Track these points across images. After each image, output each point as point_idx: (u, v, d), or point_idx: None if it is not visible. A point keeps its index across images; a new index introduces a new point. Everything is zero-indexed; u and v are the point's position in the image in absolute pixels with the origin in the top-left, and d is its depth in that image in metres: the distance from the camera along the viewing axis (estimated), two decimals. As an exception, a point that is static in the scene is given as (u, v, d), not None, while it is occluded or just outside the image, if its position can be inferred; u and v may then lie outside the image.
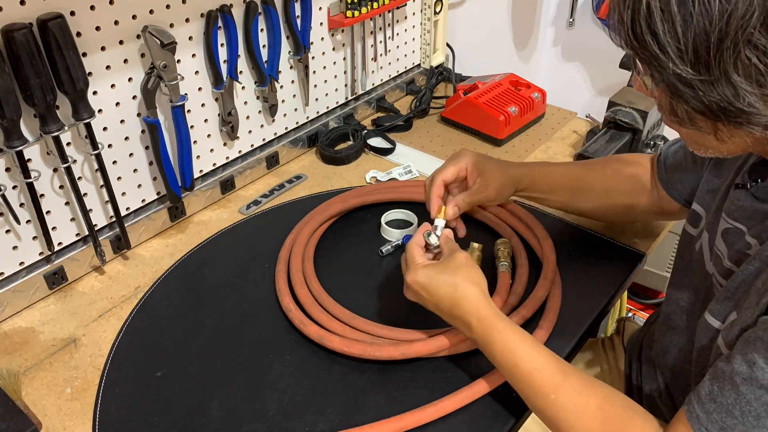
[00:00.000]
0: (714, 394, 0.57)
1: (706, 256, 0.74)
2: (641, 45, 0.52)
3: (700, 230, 0.76)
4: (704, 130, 0.56)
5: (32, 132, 0.84)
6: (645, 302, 1.76)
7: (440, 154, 1.26)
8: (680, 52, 0.50)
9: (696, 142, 0.61)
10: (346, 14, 1.20)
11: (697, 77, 0.50)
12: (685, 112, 0.55)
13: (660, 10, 0.49)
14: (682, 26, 0.49)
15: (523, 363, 0.67)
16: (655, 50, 0.51)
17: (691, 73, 0.50)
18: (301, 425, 0.74)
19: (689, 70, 0.50)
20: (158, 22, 0.93)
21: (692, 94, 0.52)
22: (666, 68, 0.51)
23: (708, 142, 0.59)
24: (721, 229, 0.69)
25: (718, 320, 0.65)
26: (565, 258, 0.94)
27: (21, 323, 0.90)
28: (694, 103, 0.53)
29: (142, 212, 1.03)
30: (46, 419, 0.76)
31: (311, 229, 1.00)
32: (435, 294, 0.72)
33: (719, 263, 0.69)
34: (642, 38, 0.51)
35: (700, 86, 0.51)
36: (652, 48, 0.51)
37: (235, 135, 1.12)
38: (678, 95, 0.53)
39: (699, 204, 0.77)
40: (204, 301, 0.92)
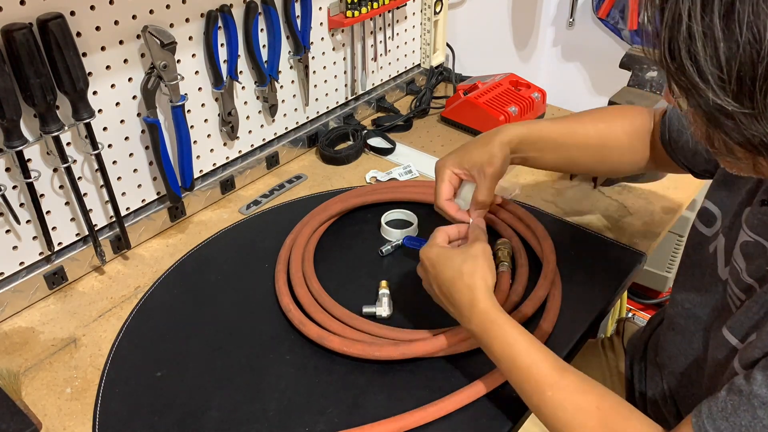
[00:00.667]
0: (728, 411, 0.55)
1: (721, 261, 0.72)
2: (679, 70, 0.48)
3: (715, 232, 0.74)
4: (742, 162, 0.53)
5: (32, 132, 0.84)
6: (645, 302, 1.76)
7: (440, 154, 1.26)
8: (722, 81, 0.46)
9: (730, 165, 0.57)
10: (346, 14, 1.20)
11: (740, 110, 0.46)
12: (722, 142, 0.52)
13: (702, 35, 0.45)
14: (726, 53, 0.45)
15: (521, 357, 0.67)
16: (694, 78, 0.47)
17: (733, 105, 0.46)
18: (301, 425, 0.74)
19: (731, 101, 0.46)
20: (158, 22, 0.93)
21: (732, 126, 0.48)
22: (705, 97, 0.47)
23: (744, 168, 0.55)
24: (741, 240, 0.67)
25: (736, 338, 0.64)
26: (565, 258, 0.94)
27: (21, 323, 0.90)
28: (733, 134, 0.49)
29: (142, 212, 1.03)
30: (46, 419, 0.76)
31: (311, 229, 1.00)
32: (440, 274, 0.72)
33: (737, 275, 0.67)
34: (680, 63, 0.47)
35: (742, 119, 0.47)
36: (690, 75, 0.47)
37: (235, 135, 1.12)
38: (716, 125, 0.49)
39: (712, 202, 0.74)
40: (204, 301, 0.92)
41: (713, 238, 0.74)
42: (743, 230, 0.67)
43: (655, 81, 1.15)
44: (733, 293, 0.68)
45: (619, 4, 1.79)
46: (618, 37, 1.87)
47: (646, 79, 1.16)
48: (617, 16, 1.82)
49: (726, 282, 0.70)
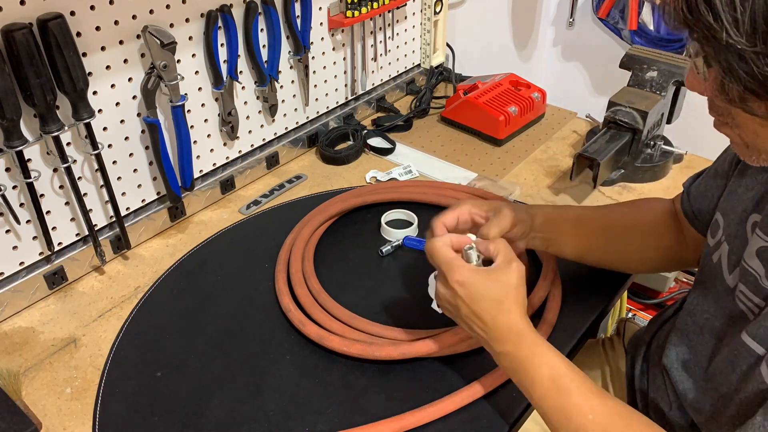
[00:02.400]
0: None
1: (725, 268, 0.71)
2: (695, 17, 0.50)
3: (717, 240, 0.74)
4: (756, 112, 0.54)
5: (32, 132, 0.84)
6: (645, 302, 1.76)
7: (440, 154, 1.26)
8: (736, 21, 0.48)
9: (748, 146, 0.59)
10: (346, 14, 1.20)
11: (752, 49, 0.48)
12: (736, 91, 0.53)
13: None
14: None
15: (563, 380, 0.64)
16: (709, 20, 0.49)
17: (746, 45, 0.48)
18: (301, 425, 0.74)
19: (744, 41, 0.48)
20: (158, 22, 0.93)
21: (746, 69, 0.50)
22: (720, 39, 0.49)
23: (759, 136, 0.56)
24: (756, 247, 0.66)
25: (762, 346, 0.63)
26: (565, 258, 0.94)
27: (21, 323, 0.90)
28: (746, 79, 0.50)
29: (142, 212, 1.03)
30: (46, 419, 0.76)
31: (311, 229, 1.00)
32: (478, 302, 0.67)
33: (753, 282, 0.66)
34: (696, 8, 0.49)
35: (754, 59, 0.49)
36: (706, 18, 0.49)
37: (235, 135, 1.12)
38: (730, 71, 0.51)
39: (719, 212, 0.75)
40: (204, 301, 0.92)
41: (716, 247, 0.74)
42: (758, 236, 0.66)
43: (655, 81, 1.15)
44: (747, 299, 0.67)
45: (619, 4, 1.79)
46: (618, 37, 1.87)
47: (646, 79, 1.16)
48: (617, 16, 1.82)
49: (735, 291, 0.70)
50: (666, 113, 1.19)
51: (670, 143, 1.21)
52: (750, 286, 0.67)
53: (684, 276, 1.80)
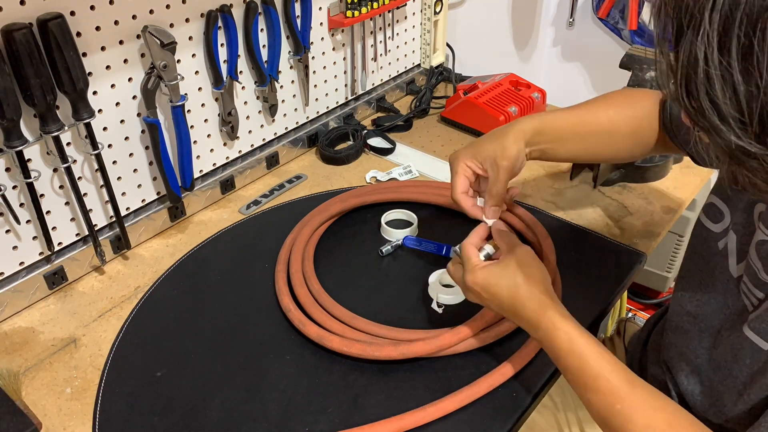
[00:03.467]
0: None
1: (732, 258, 0.71)
2: (698, 111, 0.47)
3: (724, 228, 0.72)
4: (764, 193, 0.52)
5: (32, 132, 0.84)
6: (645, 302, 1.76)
7: (440, 154, 1.26)
8: (743, 124, 0.45)
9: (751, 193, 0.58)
10: (346, 14, 1.20)
11: (763, 151, 0.45)
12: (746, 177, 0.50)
13: (721, 78, 0.44)
14: (746, 97, 0.44)
15: (590, 368, 0.64)
16: (714, 120, 0.46)
17: (757, 147, 0.45)
18: (301, 425, 0.74)
19: (754, 143, 0.45)
20: (158, 22, 0.93)
21: (756, 166, 0.47)
22: (726, 139, 0.46)
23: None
24: (756, 240, 0.66)
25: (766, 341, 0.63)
26: (565, 258, 0.94)
27: (21, 323, 0.90)
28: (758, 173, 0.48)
29: (142, 212, 1.03)
30: (46, 419, 0.76)
31: (311, 229, 1.00)
32: (497, 295, 0.71)
33: (753, 275, 0.66)
34: (699, 105, 0.46)
35: (766, 159, 0.46)
36: (710, 117, 0.46)
37: (235, 135, 1.12)
38: (739, 163, 0.48)
39: (719, 198, 0.73)
40: (204, 301, 0.92)
41: (722, 234, 0.73)
42: (759, 229, 0.66)
43: (655, 81, 1.15)
44: (752, 295, 0.67)
45: (619, 4, 1.79)
46: (618, 37, 1.87)
47: (646, 79, 1.16)
48: (617, 16, 1.82)
49: (740, 279, 0.69)
50: (666, 113, 1.19)
51: (670, 143, 1.21)
52: (752, 279, 0.67)
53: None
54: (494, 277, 0.71)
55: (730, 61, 0.43)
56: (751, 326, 0.65)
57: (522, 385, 0.77)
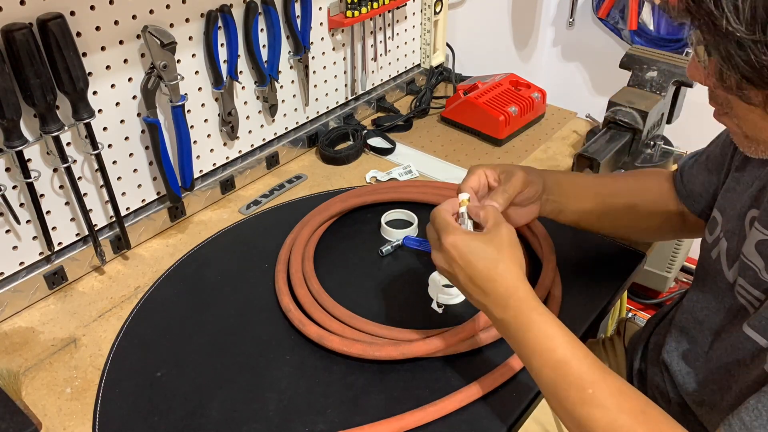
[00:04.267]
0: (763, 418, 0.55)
1: (724, 264, 0.72)
2: (697, 3, 0.51)
3: (716, 237, 0.74)
4: (753, 101, 0.55)
5: (32, 132, 0.84)
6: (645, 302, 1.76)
7: (440, 154, 1.26)
8: (737, 9, 0.49)
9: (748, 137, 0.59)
10: (346, 14, 1.20)
11: (751, 37, 0.49)
12: (733, 79, 0.54)
13: None
14: None
15: (561, 350, 0.62)
16: (710, 7, 0.50)
17: (745, 33, 0.49)
18: (301, 425, 0.74)
19: (743, 29, 0.49)
20: (158, 22, 0.93)
21: (744, 57, 0.51)
22: (720, 27, 0.50)
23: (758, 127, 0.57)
24: (755, 240, 0.67)
25: (764, 337, 0.64)
26: (565, 258, 0.94)
27: (21, 323, 0.90)
28: (744, 67, 0.51)
29: (142, 212, 1.03)
30: (46, 419, 0.76)
31: (311, 229, 1.00)
32: (472, 265, 0.65)
33: (752, 276, 0.67)
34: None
35: (752, 47, 0.50)
36: (707, 4, 0.50)
37: (235, 135, 1.12)
38: (729, 59, 0.52)
39: (717, 209, 0.75)
40: (204, 301, 0.92)
41: (714, 243, 0.75)
42: (756, 230, 0.67)
43: (655, 81, 1.15)
44: (749, 294, 0.68)
45: (619, 4, 1.79)
46: (618, 37, 1.87)
47: (646, 79, 1.16)
48: (617, 16, 1.82)
49: (734, 285, 0.70)
50: (666, 113, 1.19)
51: (670, 143, 1.21)
52: (750, 279, 0.67)
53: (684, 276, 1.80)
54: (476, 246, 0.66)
55: None
56: (751, 324, 0.65)
57: (522, 385, 0.77)
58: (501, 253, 0.66)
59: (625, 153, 1.14)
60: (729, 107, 0.59)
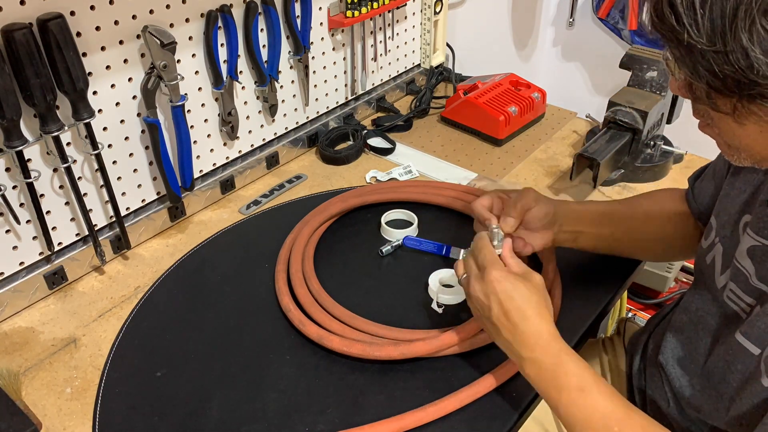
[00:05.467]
0: None
1: (717, 269, 0.72)
2: (661, 21, 0.53)
3: (711, 242, 0.75)
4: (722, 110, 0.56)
5: (32, 132, 0.84)
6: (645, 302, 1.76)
7: (440, 154, 1.26)
8: (696, 23, 0.50)
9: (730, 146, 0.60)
10: (346, 14, 1.20)
11: (712, 48, 0.50)
12: (703, 90, 0.55)
13: None
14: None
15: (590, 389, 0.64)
16: (672, 22, 0.52)
17: (706, 45, 0.51)
18: (301, 425, 0.74)
19: (704, 41, 0.51)
20: (158, 22, 0.93)
21: (707, 68, 0.52)
22: (682, 41, 0.52)
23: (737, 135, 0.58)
24: (747, 245, 0.67)
25: (757, 346, 0.64)
26: (565, 258, 0.94)
27: (21, 323, 0.90)
28: (709, 78, 0.53)
29: (142, 212, 1.03)
30: (46, 419, 0.76)
31: (311, 229, 1.00)
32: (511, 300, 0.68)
33: (743, 281, 0.67)
34: (662, 12, 0.53)
35: (714, 58, 0.51)
36: (669, 21, 0.52)
37: (235, 135, 1.12)
38: (695, 71, 0.53)
39: (713, 215, 0.76)
40: (204, 301, 0.92)
41: (709, 249, 0.75)
42: (748, 235, 0.67)
43: (655, 81, 1.15)
44: (741, 300, 0.68)
45: (619, 4, 1.79)
46: (618, 37, 1.87)
47: (646, 79, 1.16)
48: (617, 16, 1.82)
49: (723, 289, 0.71)
50: (666, 113, 1.19)
51: (670, 143, 1.21)
52: (741, 285, 0.68)
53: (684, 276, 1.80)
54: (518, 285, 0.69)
55: None
56: (743, 331, 0.66)
57: (522, 385, 0.77)
58: (538, 296, 0.69)
59: (625, 153, 1.14)
60: (709, 118, 0.60)
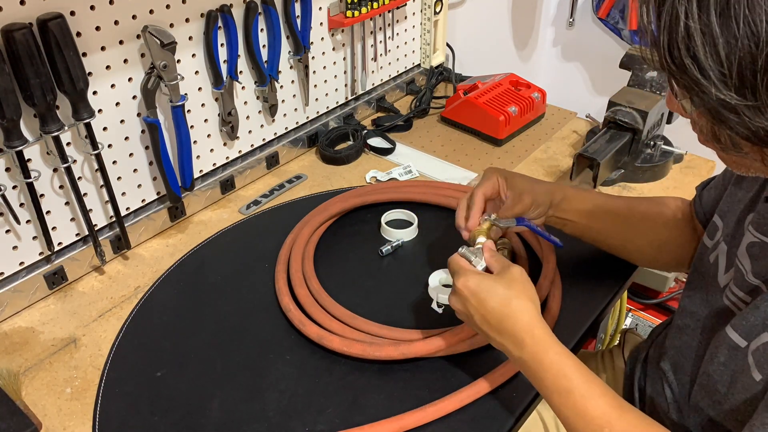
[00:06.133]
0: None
1: (721, 268, 0.72)
2: (680, 69, 0.48)
3: (716, 242, 0.74)
4: (749, 156, 0.54)
5: (32, 132, 0.84)
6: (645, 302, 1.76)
7: (440, 154, 1.26)
8: (723, 76, 0.46)
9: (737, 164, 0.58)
10: (346, 14, 1.20)
11: (743, 102, 0.47)
12: (728, 137, 0.52)
13: (701, 33, 0.46)
14: (725, 49, 0.45)
15: (578, 390, 0.63)
16: (695, 75, 0.47)
17: (736, 99, 0.47)
18: (301, 425, 0.74)
19: (734, 95, 0.47)
20: (158, 22, 0.93)
21: (737, 120, 0.48)
22: (708, 93, 0.48)
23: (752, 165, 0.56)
24: (747, 242, 0.67)
25: (743, 338, 0.63)
26: (565, 258, 0.94)
27: (21, 323, 0.90)
28: (739, 129, 0.49)
29: (142, 212, 1.03)
30: (46, 419, 0.76)
31: (311, 229, 1.00)
32: (486, 304, 0.67)
33: (741, 278, 0.67)
34: (681, 62, 0.48)
35: (745, 112, 0.47)
36: (692, 73, 0.47)
37: (235, 135, 1.12)
38: (721, 121, 0.50)
39: (719, 215, 0.75)
40: (204, 301, 0.92)
41: (713, 248, 0.75)
42: (748, 232, 0.67)
43: (655, 81, 1.15)
44: (734, 296, 0.68)
45: (619, 4, 1.79)
46: (618, 37, 1.87)
47: (646, 79, 1.16)
48: (617, 16, 1.82)
49: (725, 288, 0.70)
50: (666, 113, 1.19)
51: (670, 143, 1.21)
52: (737, 281, 0.68)
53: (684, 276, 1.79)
54: (487, 284, 0.68)
55: (709, 15, 0.45)
56: (733, 324, 0.66)
57: (522, 385, 0.77)
58: (512, 290, 0.67)
59: (625, 153, 1.14)
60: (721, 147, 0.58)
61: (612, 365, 1.03)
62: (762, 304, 0.62)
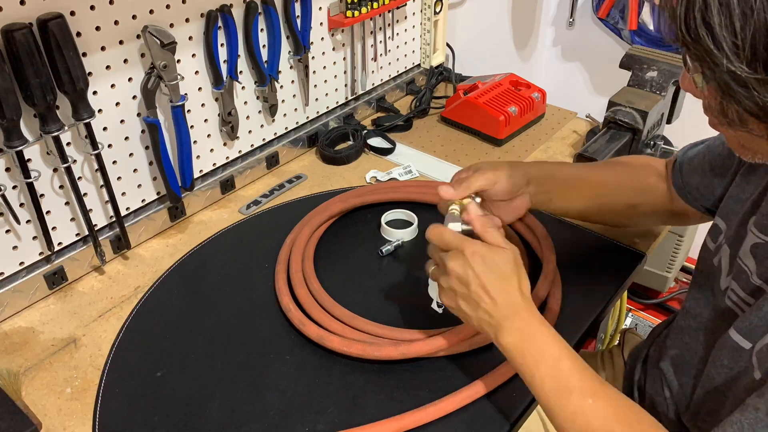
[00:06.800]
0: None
1: (724, 270, 0.72)
2: (694, 40, 0.49)
3: (718, 244, 0.74)
4: (756, 133, 0.54)
5: (32, 132, 0.84)
6: (645, 302, 1.76)
7: (440, 154, 1.26)
8: (736, 48, 0.47)
9: (744, 146, 0.59)
10: (346, 14, 1.20)
11: (753, 76, 0.48)
12: (736, 113, 0.53)
13: (717, 3, 0.47)
14: (740, 20, 0.46)
15: (566, 360, 0.64)
16: (709, 45, 0.48)
17: (747, 72, 0.48)
18: (301, 425, 0.74)
19: (745, 67, 0.47)
20: (158, 22, 0.93)
21: (746, 94, 0.49)
22: (720, 65, 0.48)
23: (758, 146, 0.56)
24: (750, 243, 0.67)
25: (747, 340, 0.64)
26: (565, 258, 0.94)
27: (21, 323, 0.90)
28: (747, 103, 0.50)
29: (142, 212, 1.03)
30: (46, 419, 0.76)
31: (311, 229, 1.00)
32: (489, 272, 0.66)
33: (744, 279, 0.67)
34: (696, 32, 0.49)
35: (755, 86, 0.48)
36: (706, 43, 0.48)
37: (235, 135, 1.12)
38: (730, 95, 0.50)
39: (720, 217, 0.75)
40: (204, 301, 0.92)
41: (716, 251, 0.75)
42: (752, 233, 0.67)
43: (655, 81, 1.15)
44: (738, 298, 0.68)
45: (619, 4, 1.79)
46: (618, 37, 1.87)
47: (646, 79, 1.16)
48: (617, 16, 1.82)
49: (726, 290, 0.70)
50: (666, 113, 1.19)
51: (670, 143, 1.21)
52: (741, 282, 0.68)
53: (684, 276, 1.80)
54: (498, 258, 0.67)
55: None
56: (736, 326, 0.66)
57: (522, 385, 0.77)
58: (515, 270, 0.68)
59: (625, 153, 1.14)
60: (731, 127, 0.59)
61: (612, 365, 1.04)
62: (765, 305, 0.62)
